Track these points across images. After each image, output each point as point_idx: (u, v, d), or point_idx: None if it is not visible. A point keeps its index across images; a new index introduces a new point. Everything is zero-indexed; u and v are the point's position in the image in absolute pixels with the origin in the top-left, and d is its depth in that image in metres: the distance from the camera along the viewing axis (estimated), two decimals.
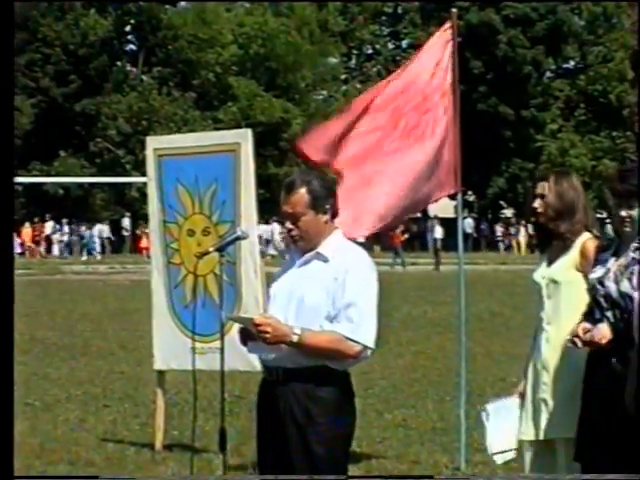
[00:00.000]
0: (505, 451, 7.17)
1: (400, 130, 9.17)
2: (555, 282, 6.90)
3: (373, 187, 9.19)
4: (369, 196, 9.18)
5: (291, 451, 5.81)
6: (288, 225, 5.78)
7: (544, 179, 6.90)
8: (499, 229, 59.68)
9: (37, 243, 53.31)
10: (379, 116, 9.29)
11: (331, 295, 5.72)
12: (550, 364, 6.87)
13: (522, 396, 7.08)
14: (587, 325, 6.13)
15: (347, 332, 5.64)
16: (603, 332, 6.09)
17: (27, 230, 52.69)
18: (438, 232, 45.11)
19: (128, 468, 9.90)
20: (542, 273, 7.00)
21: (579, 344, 6.09)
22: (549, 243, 7.02)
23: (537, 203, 6.81)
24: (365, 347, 5.67)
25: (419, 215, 47.76)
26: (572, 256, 6.86)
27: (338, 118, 9.56)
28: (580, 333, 6.26)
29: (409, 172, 9.28)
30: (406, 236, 43.01)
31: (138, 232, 51.77)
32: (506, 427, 7.21)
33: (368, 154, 9.27)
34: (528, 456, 7.05)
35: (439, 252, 42.86)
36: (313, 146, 9.38)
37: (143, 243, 46.56)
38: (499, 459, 7.22)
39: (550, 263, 6.96)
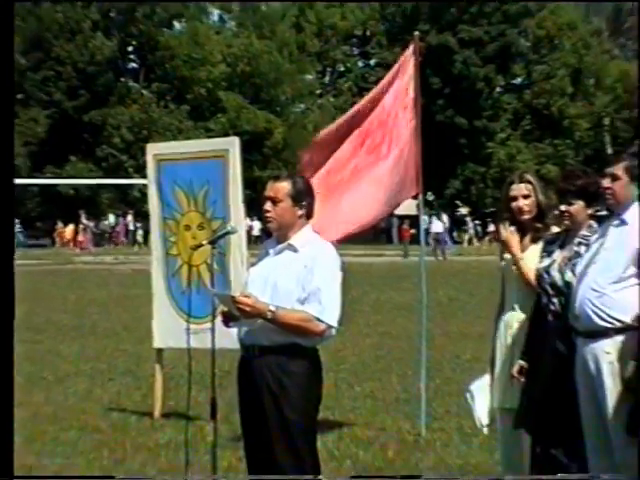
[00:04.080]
0: (488, 424, 7.16)
1: (365, 148, 9.39)
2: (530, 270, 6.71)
3: (342, 199, 9.35)
4: (338, 207, 9.33)
5: (268, 417, 5.85)
6: (266, 207, 5.77)
7: (521, 180, 6.75)
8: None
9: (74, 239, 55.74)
10: (351, 138, 9.52)
11: (301, 281, 5.78)
12: (514, 337, 6.79)
13: (492, 372, 7.00)
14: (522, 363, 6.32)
15: (315, 313, 5.71)
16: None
17: (69, 229, 55.75)
18: (438, 227, 44.95)
19: (130, 434, 10.04)
20: (512, 261, 6.84)
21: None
22: (522, 237, 6.81)
23: (523, 202, 6.66)
24: (330, 326, 5.76)
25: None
26: (537, 247, 6.73)
27: (323, 140, 9.65)
28: (515, 373, 6.45)
29: (379, 185, 9.43)
30: (413, 231, 42.76)
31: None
32: (487, 402, 7.15)
33: (337, 171, 9.49)
34: (499, 421, 7.05)
35: (440, 244, 43.41)
36: (307, 164, 9.58)
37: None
38: (487, 430, 7.23)
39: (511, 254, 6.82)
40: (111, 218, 59.18)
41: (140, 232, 51.43)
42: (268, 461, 5.89)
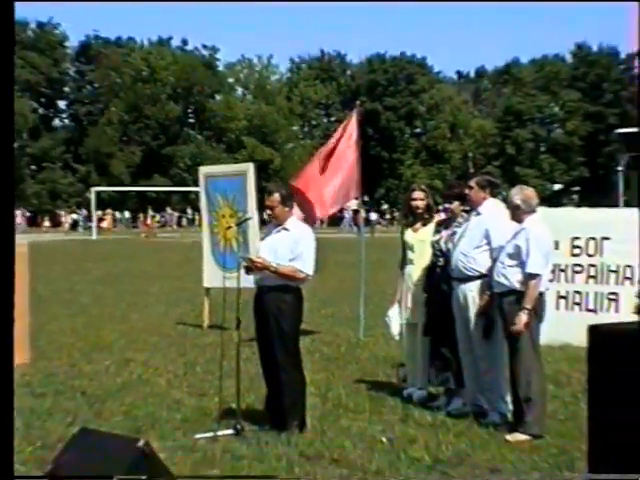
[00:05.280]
0: (400, 333, 8.97)
1: (329, 167, 12.89)
2: (422, 240, 8.63)
3: (319, 192, 12.69)
4: (319, 198, 12.66)
5: (270, 328, 7.37)
6: (268, 211, 7.58)
7: (418, 190, 8.84)
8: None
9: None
10: (318, 162, 12.95)
11: (291, 248, 7.38)
12: (415, 281, 8.67)
13: (399, 302, 8.86)
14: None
15: (299, 267, 7.39)
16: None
17: (147, 217, 72.92)
18: (372, 216, 62.27)
19: (189, 338, 13.02)
20: (412, 236, 8.78)
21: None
22: (415, 222, 8.81)
23: (419, 203, 8.75)
24: (307, 275, 7.44)
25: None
26: (431, 227, 8.65)
27: (307, 167, 13.33)
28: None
29: (338, 187, 12.85)
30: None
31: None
32: (397, 320, 8.90)
33: (313, 180, 12.91)
34: (405, 330, 8.88)
35: (372, 226, 55.27)
36: (300, 183, 12.73)
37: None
38: (397, 337, 9.06)
39: (415, 231, 8.77)
40: (173, 211, 78.91)
41: (197, 219, 64.88)
42: (271, 355, 7.38)
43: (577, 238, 11.81)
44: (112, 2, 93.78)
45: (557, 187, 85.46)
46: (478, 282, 7.75)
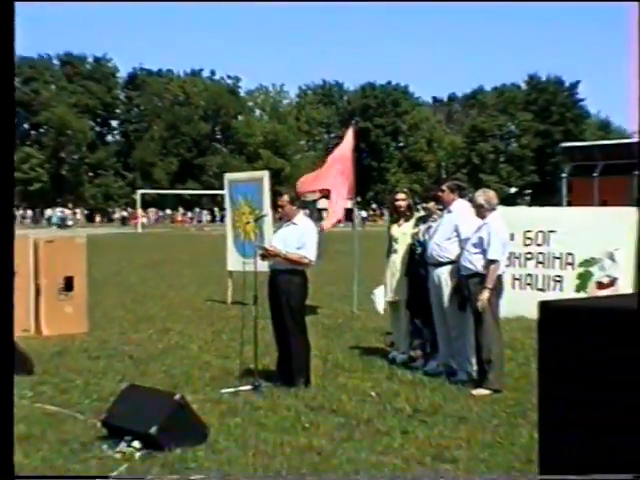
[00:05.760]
0: (384, 309, 9.12)
1: (331, 176, 12.78)
2: (404, 233, 8.63)
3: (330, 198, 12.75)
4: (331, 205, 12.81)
5: (281, 304, 7.45)
6: (279, 210, 7.69)
7: (401, 193, 8.87)
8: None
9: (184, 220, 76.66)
10: (324, 171, 12.86)
11: (298, 238, 7.46)
12: (398, 267, 8.68)
13: (385, 284, 8.91)
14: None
15: (305, 254, 7.44)
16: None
17: (182, 215, 78.05)
18: (363, 213, 63.27)
19: (216, 312, 12.87)
20: (396, 230, 8.76)
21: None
22: (399, 219, 8.81)
23: (401, 203, 8.72)
24: (311, 261, 7.53)
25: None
26: (411, 223, 8.65)
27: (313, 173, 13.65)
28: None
29: (341, 191, 12.69)
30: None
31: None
32: (382, 298, 9.01)
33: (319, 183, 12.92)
34: (389, 307, 8.95)
35: (364, 222, 56.41)
36: (302, 185, 12.88)
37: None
38: (382, 312, 9.19)
39: (399, 226, 8.74)
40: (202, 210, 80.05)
41: (222, 216, 64.85)
42: (282, 325, 7.49)
43: (529, 231, 11.77)
44: (154, 39, 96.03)
45: (513, 190, 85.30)
46: (449, 267, 7.77)
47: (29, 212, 74.03)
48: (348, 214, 18.76)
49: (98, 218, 74.41)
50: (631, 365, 3.07)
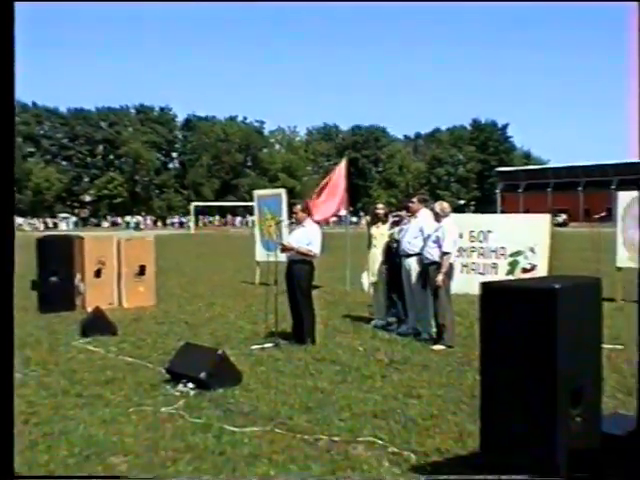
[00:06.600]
0: (368, 288, 8.73)
1: (326, 194, 12.33)
2: (382, 234, 8.46)
3: (324, 207, 12.28)
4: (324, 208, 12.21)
5: (295, 285, 7.26)
6: (294, 216, 7.48)
7: (380, 204, 8.79)
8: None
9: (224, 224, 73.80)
10: (323, 192, 12.39)
11: (307, 236, 7.24)
12: (378, 258, 8.47)
13: (367, 270, 8.69)
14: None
15: (312, 248, 7.20)
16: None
17: (222, 220, 76.05)
18: (352, 219, 58.80)
19: (244, 293, 12.08)
20: (375, 230, 8.55)
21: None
22: (377, 222, 8.60)
23: (380, 211, 8.54)
24: (316, 253, 7.25)
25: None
26: (387, 225, 8.41)
27: (318, 192, 12.72)
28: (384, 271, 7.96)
29: (337, 202, 12.31)
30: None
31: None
32: (367, 280, 8.78)
33: (320, 203, 12.37)
34: (372, 288, 8.65)
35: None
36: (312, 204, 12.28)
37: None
38: (367, 290, 8.79)
39: (377, 228, 8.50)
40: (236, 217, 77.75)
41: (252, 221, 62.12)
42: (295, 300, 7.24)
43: (473, 231, 11.56)
44: (203, 93, 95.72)
45: (461, 202, 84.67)
46: (416, 257, 7.60)
47: (113, 219, 74.99)
48: (341, 219, 18.23)
49: (162, 223, 74.56)
50: (544, 325, 3.22)
